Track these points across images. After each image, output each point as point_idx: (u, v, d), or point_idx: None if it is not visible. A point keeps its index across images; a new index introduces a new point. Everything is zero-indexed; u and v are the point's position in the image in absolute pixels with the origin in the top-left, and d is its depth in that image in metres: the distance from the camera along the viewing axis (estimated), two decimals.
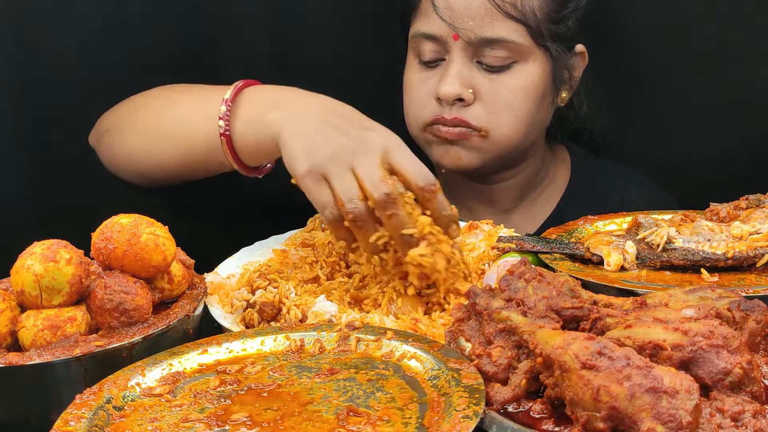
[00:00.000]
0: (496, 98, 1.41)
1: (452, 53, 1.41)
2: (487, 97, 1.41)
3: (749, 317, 0.81)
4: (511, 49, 1.40)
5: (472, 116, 1.42)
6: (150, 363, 0.88)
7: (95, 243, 0.99)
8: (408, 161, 1.12)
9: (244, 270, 1.21)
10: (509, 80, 1.42)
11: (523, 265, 0.93)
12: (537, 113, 1.47)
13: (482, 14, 1.37)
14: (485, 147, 1.45)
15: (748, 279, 1.05)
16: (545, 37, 1.42)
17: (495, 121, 1.42)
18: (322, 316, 1.05)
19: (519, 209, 1.60)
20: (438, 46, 1.43)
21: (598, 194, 1.58)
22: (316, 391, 0.82)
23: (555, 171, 1.63)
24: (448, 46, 1.41)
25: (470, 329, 0.89)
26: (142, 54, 1.54)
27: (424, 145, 1.50)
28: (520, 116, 1.44)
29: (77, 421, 0.77)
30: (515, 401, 0.78)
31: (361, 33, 1.65)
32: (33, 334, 0.92)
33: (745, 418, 0.70)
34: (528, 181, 1.59)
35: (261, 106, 1.21)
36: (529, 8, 1.39)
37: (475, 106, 1.42)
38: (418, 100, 1.47)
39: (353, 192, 1.09)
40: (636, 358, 0.70)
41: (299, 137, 1.14)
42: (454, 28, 1.38)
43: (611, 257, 1.11)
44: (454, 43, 1.40)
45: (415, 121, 1.49)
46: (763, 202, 1.19)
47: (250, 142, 1.21)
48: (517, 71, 1.42)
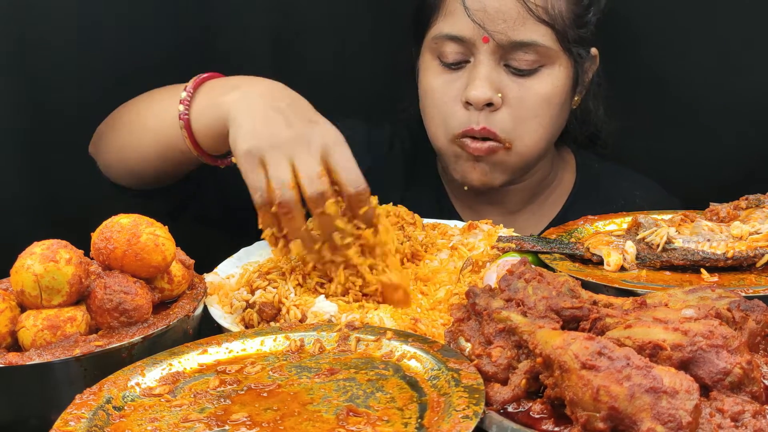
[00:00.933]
0: (523, 104, 1.40)
1: (479, 55, 1.39)
2: (515, 103, 1.40)
3: (749, 317, 0.81)
4: (540, 53, 1.38)
5: (499, 125, 1.40)
6: (150, 363, 0.88)
7: (95, 243, 0.99)
8: (345, 162, 1.12)
9: (243, 270, 1.21)
10: (536, 85, 1.40)
11: (523, 265, 0.93)
12: (558, 120, 1.47)
13: (514, 17, 1.36)
14: (509, 161, 1.44)
15: (748, 279, 1.05)
16: (570, 41, 1.41)
17: (519, 131, 1.41)
18: (322, 316, 1.05)
19: (525, 211, 1.59)
20: (463, 47, 1.40)
21: (602, 196, 1.57)
22: (315, 391, 0.82)
23: (562, 173, 1.62)
24: (474, 48, 1.39)
25: (470, 329, 0.89)
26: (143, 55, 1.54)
27: (450, 158, 1.47)
28: (543, 125, 1.43)
29: (77, 421, 0.77)
30: (515, 401, 0.78)
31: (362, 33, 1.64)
32: (33, 334, 0.92)
33: (745, 418, 0.70)
34: (537, 184, 1.58)
35: (216, 91, 1.23)
36: (558, 12, 1.38)
37: (502, 112, 1.40)
38: (443, 107, 1.43)
39: (286, 180, 1.09)
40: (636, 358, 0.70)
41: (246, 118, 1.15)
42: (485, 30, 1.36)
43: (611, 257, 1.11)
44: (483, 46, 1.37)
45: (443, 132, 1.45)
46: (763, 202, 1.19)
47: (206, 125, 1.21)
48: (545, 75, 1.40)
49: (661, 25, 1.63)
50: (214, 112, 1.20)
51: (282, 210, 1.09)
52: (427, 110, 1.48)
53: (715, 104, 1.63)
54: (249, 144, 1.12)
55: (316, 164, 1.10)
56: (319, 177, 1.09)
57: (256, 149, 1.11)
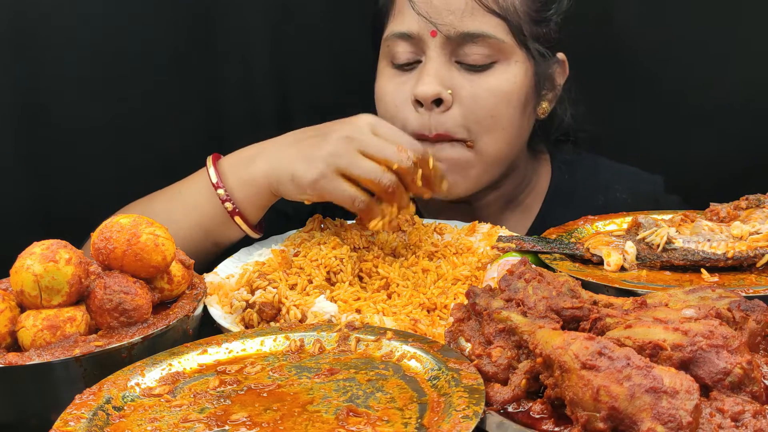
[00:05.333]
0: (476, 102, 1.33)
1: (429, 52, 1.34)
2: (468, 101, 1.33)
3: (749, 317, 0.81)
4: (492, 46, 1.33)
5: (452, 124, 1.34)
6: (150, 363, 0.88)
7: (95, 243, 0.99)
8: (396, 133, 1.19)
9: (243, 270, 1.21)
10: (490, 80, 1.34)
11: (523, 265, 0.93)
12: (521, 122, 1.40)
13: (462, 8, 1.31)
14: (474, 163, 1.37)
15: (748, 279, 1.05)
16: (527, 36, 1.35)
17: (475, 131, 1.35)
18: (322, 316, 1.05)
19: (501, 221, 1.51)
20: (413, 46, 1.36)
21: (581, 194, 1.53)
22: (315, 391, 0.82)
23: (537, 176, 1.57)
24: (424, 45, 1.34)
25: (470, 329, 0.89)
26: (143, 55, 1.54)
27: None
28: (503, 126, 1.36)
29: (77, 421, 0.77)
30: (515, 401, 0.78)
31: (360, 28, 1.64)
32: (32, 335, 0.92)
33: (745, 418, 0.70)
34: (510, 192, 1.53)
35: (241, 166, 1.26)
36: (510, 3, 1.33)
37: (454, 111, 1.34)
38: (394, 110, 1.38)
39: (378, 168, 1.15)
40: (636, 358, 0.70)
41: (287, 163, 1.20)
42: (432, 24, 1.32)
43: (611, 257, 1.11)
44: (432, 41, 1.33)
45: None
46: (763, 202, 1.19)
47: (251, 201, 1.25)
48: (499, 71, 1.35)
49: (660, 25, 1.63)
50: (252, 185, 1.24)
51: (390, 194, 1.16)
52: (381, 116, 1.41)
53: (714, 104, 1.63)
54: (314, 171, 1.17)
55: (385, 142, 1.16)
56: (399, 151, 1.15)
57: (325, 168, 1.16)
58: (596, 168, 1.57)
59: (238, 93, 1.64)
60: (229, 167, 1.27)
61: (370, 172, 1.15)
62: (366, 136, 1.16)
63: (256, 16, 1.61)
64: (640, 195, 1.49)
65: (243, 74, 1.63)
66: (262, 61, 1.64)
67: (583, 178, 1.55)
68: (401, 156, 1.15)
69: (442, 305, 1.12)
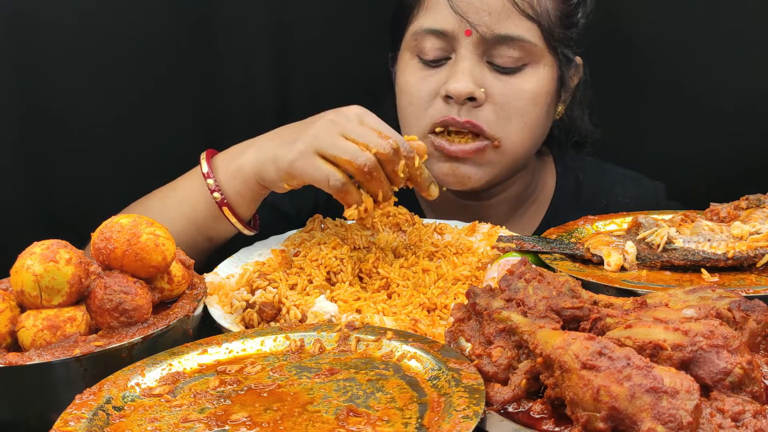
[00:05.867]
0: (508, 102, 1.35)
1: (461, 50, 1.35)
2: (499, 100, 1.35)
3: (749, 317, 0.81)
4: (524, 50, 1.34)
5: (484, 120, 1.35)
6: (150, 363, 0.88)
7: (95, 243, 0.99)
8: (380, 124, 1.18)
9: (243, 270, 1.21)
10: (521, 83, 1.36)
11: (523, 265, 0.93)
12: (544, 123, 1.43)
13: (498, 10, 1.32)
14: (497, 160, 1.39)
15: (748, 279, 1.05)
16: (556, 41, 1.37)
17: (507, 129, 1.37)
18: (322, 316, 1.05)
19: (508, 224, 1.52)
20: (444, 43, 1.36)
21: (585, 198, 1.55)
22: (316, 391, 0.82)
23: (543, 180, 1.59)
24: (456, 42, 1.35)
25: (470, 329, 0.89)
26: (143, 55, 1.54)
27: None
28: (529, 124, 1.39)
29: (77, 421, 0.76)
30: (515, 401, 0.78)
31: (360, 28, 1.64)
32: (33, 334, 0.92)
33: (746, 418, 0.70)
34: (518, 196, 1.55)
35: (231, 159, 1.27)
36: (544, 8, 1.35)
37: (486, 109, 1.35)
38: (419, 102, 1.39)
39: (355, 148, 1.14)
40: (636, 358, 0.70)
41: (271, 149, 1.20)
42: (470, 23, 1.32)
43: (611, 257, 1.11)
44: (465, 40, 1.34)
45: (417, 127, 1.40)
46: (763, 202, 1.19)
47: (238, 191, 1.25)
48: (529, 74, 1.37)
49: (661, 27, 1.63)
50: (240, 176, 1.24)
51: (368, 175, 1.14)
52: (401, 109, 1.44)
53: (714, 104, 1.63)
54: (293, 151, 1.17)
55: (369, 129, 1.15)
56: (381, 137, 1.14)
57: (305, 148, 1.16)
58: (600, 172, 1.59)
59: (238, 95, 1.64)
60: (221, 160, 1.28)
61: (346, 152, 1.13)
62: (350, 122, 1.16)
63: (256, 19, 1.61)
64: (641, 200, 1.50)
65: (243, 79, 1.63)
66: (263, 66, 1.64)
67: (588, 183, 1.57)
68: (381, 141, 1.14)
69: (442, 305, 1.12)
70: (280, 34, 1.64)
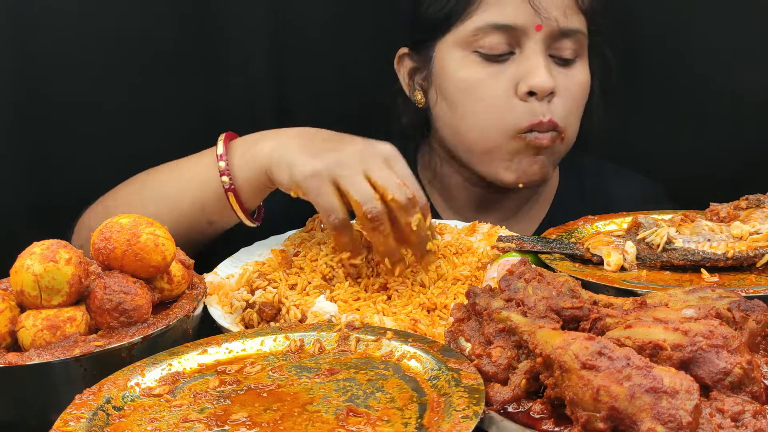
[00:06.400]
0: (569, 94, 1.40)
1: (529, 44, 1.36)
2: (564, 93, 1.39)
3: (749, 317, 0.81)
4: (579, 42, 1.40)
5: (557, 115, 1.38)
6: (149, 363, 0.88)
7: (95, 243, 0.99)
8: (407, 173, 1.14)
9: (243, 270, 1.21)
10: (576, 75, 1.41)
11: (523, 265, 0.93)
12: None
13: (564, 5, 1.37)
14: (562, 151, 1.44)
15: (748, 279, 1.05)
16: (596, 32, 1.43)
17: (569, 120, 1.41)
18: (322, 316, 1.05)
19: (516, 217, 1.57)
20: (509, 37, 1.37)
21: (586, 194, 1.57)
22: (315, 391, 0.82)
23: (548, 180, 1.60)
24: (524, 37, 1.36)
25: (470, 329, 0.89)
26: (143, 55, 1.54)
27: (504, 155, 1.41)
28: (580, 116, 1.44)
29: (77, 421, 0.76)
30: (515, 401, 0.78)
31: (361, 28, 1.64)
32: (32, 335, 0.92)
33: (745, 418, 0.70)
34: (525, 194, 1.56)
35: (247, 146, 1.23)
36: (588, 2, 1.41)
37: (556, 102, 1.38)
38: (496, 101, 1.38)
39: (370, 193, 1.09)
40: (636, 358, 0.70)
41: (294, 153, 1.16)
42: (543, 18, 1.35)
43: (611, 257, 1.11)
44: (535, 34, 1.35)
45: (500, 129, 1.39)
46: (763, 202, 1.19)
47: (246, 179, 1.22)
48: (580, 66, 1.42)
49: (661, 25, 1.63)
50: (252, 164, 1.20)
51: (373, 224, 1.10)
52: (470, 107, 1.42)
53: (714, 104, 1.63)
54: (312, 167, 1.12)
55: (393, 174, 1.11)
56: (401, 186, 1.10)
57: (323, 170, 1.11)
58: (600, 172, 1.60)
59: (238, 95, 1.64)
60: (238, 145, 1.25)
61: (359, 192, 1.10)
62: (377, 162, 1.13)
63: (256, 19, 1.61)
64: (641, 200, 1.50)
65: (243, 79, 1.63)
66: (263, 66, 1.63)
67: (589, 183, 1.59)
68: (401, 189, 1.10)
69: (442, 305, 1.12)
70: (280, 34, 1.64)
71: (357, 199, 1.09)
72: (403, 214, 1.10)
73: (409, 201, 1.10)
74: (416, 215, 1.11)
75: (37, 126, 1.51)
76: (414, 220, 1.11)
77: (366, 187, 1.10)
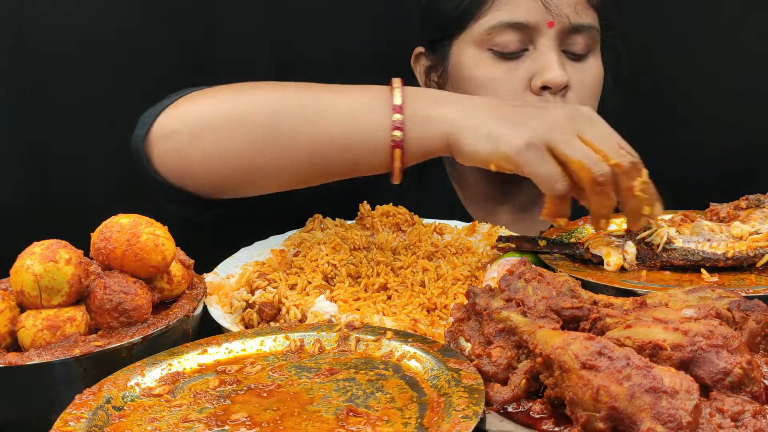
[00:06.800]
0: (584, 87, 1.41)
1: (542, 41, 1.38)
2: (578, 87, 1.40)
3: (749, 317, 0.81)
4: (591, 37, 1.41)
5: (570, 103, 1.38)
6: (149, 363, 0.88)
7: (95, 243, 0.99)
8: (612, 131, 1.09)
9: (243, 270, 1.21)
10: (589, 69, 1.42)
11: (523, 265, 0.93)
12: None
13: (574, 2, 1.39)
14: None
15: (748, 279, 1.05)
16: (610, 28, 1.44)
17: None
18: (322, 316, 1.05)
19: (534, 208, 1.57)
20: (522, 35, 1.39)
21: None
22: (315, 391, 0.82)
23: None
24: (537, 34, 1.38)
25: (470, 329, 0.89)
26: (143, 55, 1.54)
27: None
28: (595, 107, 1.44)
29: (76, 421, 0.76)
30: (515, 401, 0.78)
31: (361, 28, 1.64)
32: (32, 335, 0.92)
33: (745, 418, 0.70)
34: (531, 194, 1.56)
35: (423, 105, 1.15)
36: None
37: (570, 96, 1.39)
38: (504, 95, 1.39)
39: (595, 156, 1.04)
40: (636, 358, 0.70)
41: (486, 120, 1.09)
42: (554, 15, 1.37)
43: (611, 257, 1.11)
44: (547, 31, 1.37)
45: None
46: (763, 202, 1.19)
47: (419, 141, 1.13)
48: (593, 60, 1.43)
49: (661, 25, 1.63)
50: (428, 127, 1.12)
51: (599, 187, 1.04)
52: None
53: (714, 104, 1.63)
54: (523, 137, 1.05)
55: (610, 135, 1.07)
56: (620, 148, 1.06)
57: (537, 138, 1.05)
58: None
59: None
60: (411, 100, 1.15)
61: (585, 155, 1.03)
62: (588, 123, 1.08)
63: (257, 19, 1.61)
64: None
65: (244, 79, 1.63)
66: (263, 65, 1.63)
67: None
68: (621, 152, 1.05)
69: (442, 305, 1.12)
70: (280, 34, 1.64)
71: (583, 163, 1.04)
72: (626, 178, 1.05)
73: (633, 165, 1.05)
74: (639, 179, 1.06)
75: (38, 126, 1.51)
76: (637, 184, 1.06)
77: (588, 149, 1.05)
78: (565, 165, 1.05)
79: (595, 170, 1.03)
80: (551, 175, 1.05)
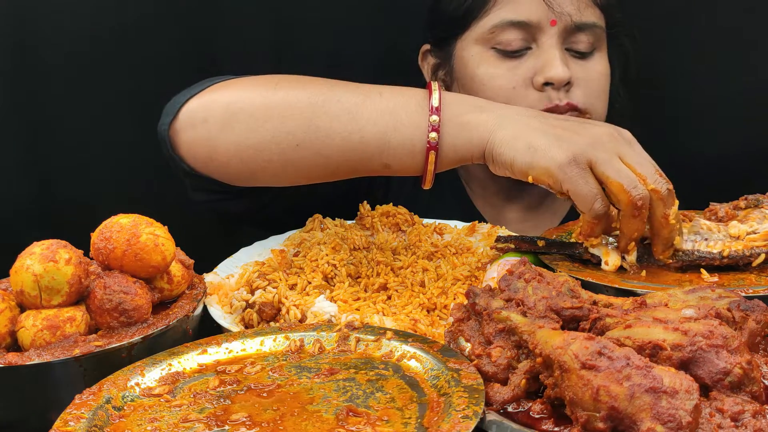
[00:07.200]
0: (589, 83, 1.41)
1: (545, 39, 1.38)
2: (583, 83, 1.40)
3: (749, 317, 0.81)
4: (596, 35, 1.41)
5: (575, 99, 1.38)
6: (149, 363, 0.88)
7: (95, 243, 0.99)
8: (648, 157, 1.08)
9: (243, 270, 1.21)
10: (595, 66, 1.42)
11: (523, 265, 0.93)
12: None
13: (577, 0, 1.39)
14: None
15: (748, 279, 1.05)
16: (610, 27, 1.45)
17: (594, 104, 1.41)
18: (322, 316, 1.05)
19: (542, 206, 1.57)
20: (525, 33, 1.39)
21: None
22: (315, 391, 0.82)
23: None
24: (539, 32, 1.38)
25: (470, 329, 0.89)
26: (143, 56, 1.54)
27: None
28: (606, 103, 1.44)
29: (76, 421, 0.77)
30: (515, 401, 0.78)
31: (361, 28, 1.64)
32: (32, 335, 0.92)
33: (745, 418, 0.70)
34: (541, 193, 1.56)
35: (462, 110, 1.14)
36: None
37: (575, 92, 1.39)
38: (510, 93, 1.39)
39: (634, 177, 1.03)
40: (636, 358, 0.70)
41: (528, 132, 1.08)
42: (556, 14, 1.37)
43: (609, 257, 1.11)
44: (550, 29, 1.38)
45: None
46: (762, 203, 1.19)
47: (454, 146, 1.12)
48: (598, 57, 1.43)
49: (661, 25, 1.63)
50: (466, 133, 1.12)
51: (636, 211, 1.03)
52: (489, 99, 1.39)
53: (714, 104, 1.63)
54: (567, 153, 1.04)
55: (648, 160, 1.07)
56: (659, 174, 1.05)
57: (580, 155, 1.04)
58: None
59: None
60: (451, 102, 1.15)
61: (625, 177, 1.03)
62: (628, 145, 1.08)
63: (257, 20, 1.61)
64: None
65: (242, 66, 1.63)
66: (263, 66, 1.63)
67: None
68: (659, 178, 1.04)
69: (442, 305, 1.12)
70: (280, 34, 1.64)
71: (623, 184, 1.03)
72: (662, 205, 1.04)
73: (669, 192, 1.05)
74: (673, 208, 1.05)
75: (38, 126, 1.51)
76: (672, 213, 1.05)
77: (629, 171, 1.04)
78: (603, 184, 1.04)
79: (634, 194, 1.02)
80: (592, 195, 1.04)
